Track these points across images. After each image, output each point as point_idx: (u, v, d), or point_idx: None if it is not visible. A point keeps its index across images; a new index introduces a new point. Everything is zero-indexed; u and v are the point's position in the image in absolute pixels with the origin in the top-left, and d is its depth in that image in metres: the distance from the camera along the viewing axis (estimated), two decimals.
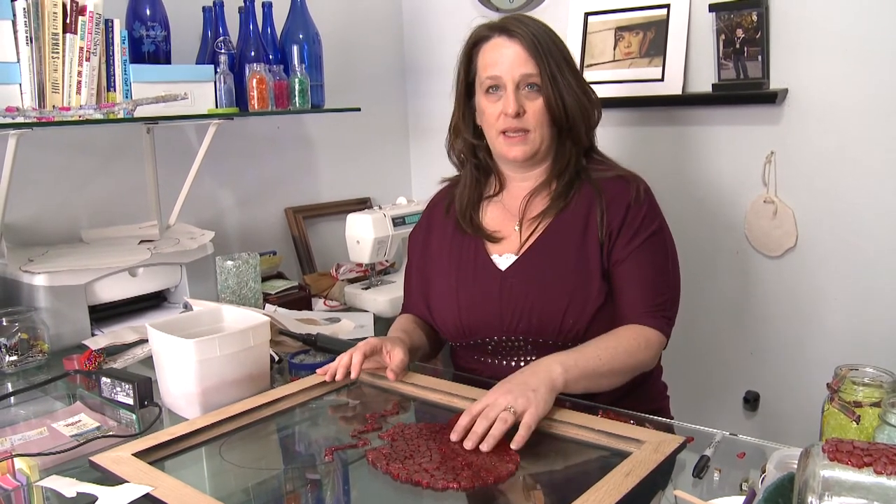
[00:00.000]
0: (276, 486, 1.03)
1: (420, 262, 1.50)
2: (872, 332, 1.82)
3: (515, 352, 1.36)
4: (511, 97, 1.30)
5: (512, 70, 1.30)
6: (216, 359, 1.19)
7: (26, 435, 1.14)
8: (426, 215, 1.54)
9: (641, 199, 1.34)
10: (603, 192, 1.34)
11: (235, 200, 2.19)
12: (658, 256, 1.33)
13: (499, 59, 1.32)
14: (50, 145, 1.79)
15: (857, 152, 1.77)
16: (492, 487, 0.95)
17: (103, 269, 1.63)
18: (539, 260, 1.34)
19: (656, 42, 2.01)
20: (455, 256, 1.42)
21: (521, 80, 1.30)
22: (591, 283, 1.31)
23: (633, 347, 1.26)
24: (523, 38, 1.30)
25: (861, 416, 0.98)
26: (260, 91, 1.84)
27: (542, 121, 1.32)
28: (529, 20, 1.34)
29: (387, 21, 2.55)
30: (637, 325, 1.29)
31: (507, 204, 1.43)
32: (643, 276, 1.31)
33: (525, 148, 1.34)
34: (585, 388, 1.20)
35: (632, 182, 1.36)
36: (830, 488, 0.71)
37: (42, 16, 1.53)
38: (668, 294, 1.33)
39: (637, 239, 1.31)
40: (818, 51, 1.79)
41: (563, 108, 1.31)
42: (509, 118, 1.31)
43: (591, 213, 1.34)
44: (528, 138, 1.33)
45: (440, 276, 1.43)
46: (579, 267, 1.32)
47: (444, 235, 1.46)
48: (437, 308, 1.43)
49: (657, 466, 0.95)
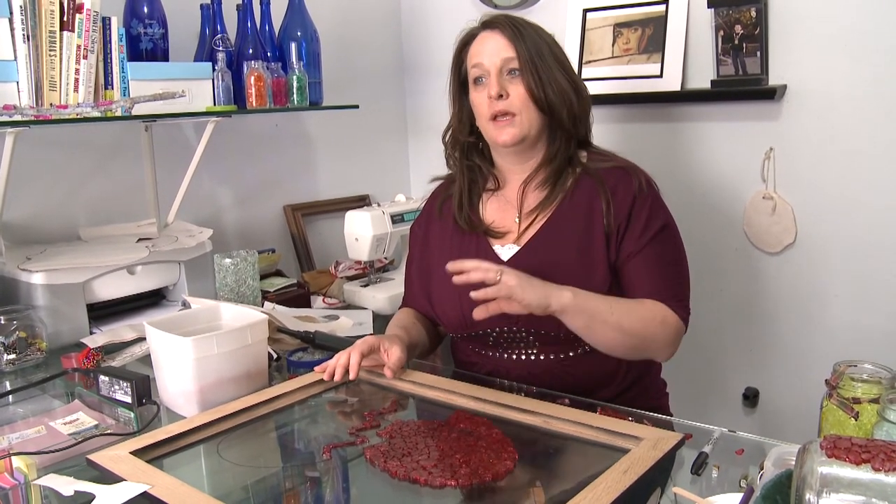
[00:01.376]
0: (274, 483, 1.03)
1: (421, 253, 1.50)
2: (871, 328, 1.82)
3: (517, 344, 1.35)
4: (493, 80, 1.33)
5: (492, 56, 1.33)
6: (214, 356, 1.19)
7: (24, 433, 1.14)
8: (426, 207, 1.54)
9: (645, 190, 1.34)
10: (605, 183, 1.35)
11: (234, 198, 2.19)
12: (669, 248, 1.34)
13: (482, 50, 1.35)
14: (47, 143, 1.79)
15: (857, 148, 1.77)
16: (490, 484, 0.95)
17: (101, 268, 1.63)
18: (541, 250, 1.35)
19: (655, 38, 2.01)
20: (456, 247, 1.42)
21: (503, 64, 1.33)
22: (594, 274, 1.31)
23: (649, 317, 1.26)
24: (503, 27, 1.34)
25: (859, 413, 0.98)
26: (258, 88, 1.83)
27: (526, 103, 1.33)
28: (515, 16, 1.37)
29: (385, 18, 2.54)
30: (657, 302, 1.29)
31: (507, 196, 1.43)
32: (657, 268, 1.31)
33: (514, 131, 1.34)
34: (584, 326, 1.22)
35: (633, 173, 1.36)
36: (828, 485, 0.71)
37: (39, 13, 1.52)
38: (682, 286, 1.34)
39: (648, 231, 1.31)
40: (817, 47, 1.79)
41: (543, 92, 1.32)
42: (494, 101, 1.33)
43: (595, 204, 1.34)
44: (516, 121, 1.34)
45: (441, 266, 1.43)
46: (582, 257, 1.32)
47: (445, 227, 1.46)
48: (439, 299, 1.43)
49: (655, 463, 0.95)
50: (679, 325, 1.29)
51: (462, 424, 1.12)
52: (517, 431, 1.11)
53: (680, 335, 1.31)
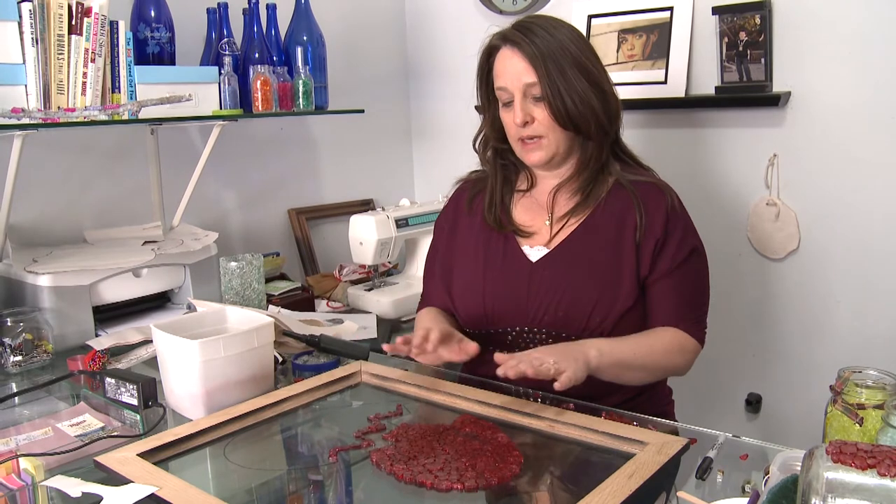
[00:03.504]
0: (279, 486, 1.03)
1: (445, 248, 1.50)
2: (876, 334, 1.82)
3: (533, 345, 1.35)
4: (518, 107, 1.33)
5: (515, 81, 1.33)
6: (220, 359, 1.20)
7: (31, 435, 1.14)
8: (453, 201, 1.54)
9: (678, 210, 1.37)
10: (638, 196, 1.36)
11: (239, 202, 2.19)
12: (696, 272, 1.38)
13: (504, 71, 1.35)
14: (55, 146, 1.80)
15: (860, 154, 1.78)
16: (496, 488, 0.95)
17: (107, 270, 1.63)
18: (571, 255, 1.36)
19: (659, 45, 2.02)
20: (483, 244, 1.42)
21: (525, 89, 1.32)
22: (621, 284, 1.33)
23: (669, 348, 1.32)
24: (523, 48, 1.31)
25: (864, 419, 0.98)
26: (264, 92, 1.84)
27: (551, 126, 1.33)
28: (537, 23, 1.34)
29: (390, 23, 2.55)
30: (675, 329, 1.33)
31: (538, 198, 1.44)
32: (682, 293, 1.35)
33: (541, 153, 1.36)
34: (615, 376, 1.27)
35: (665, 191, 1.38)
36: (834, 490, 0.71)
37: (48, 17, 1.53)
38: (703, 307, 1.39)
39: (679, 254, 1.35)
40: (821, 53, 1.79)
41: (566, 113, 1.31)
42: (520, 128, 1.34)
43: (627, 216, 1.35)
44: (543, 144, 1.35)
45: (467, 262, 1.44)
46: (611, 266, 1.34)
47: (473, 223, 1.46)
48: (460, 294, 1.42)
49: (660, 468, 0.95)
50: (696, 347, 1.36)
51: (468, 428, 1.12)
52: (522, 435, 1.11)
53: (697, 354, 1.37)
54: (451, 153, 2.48)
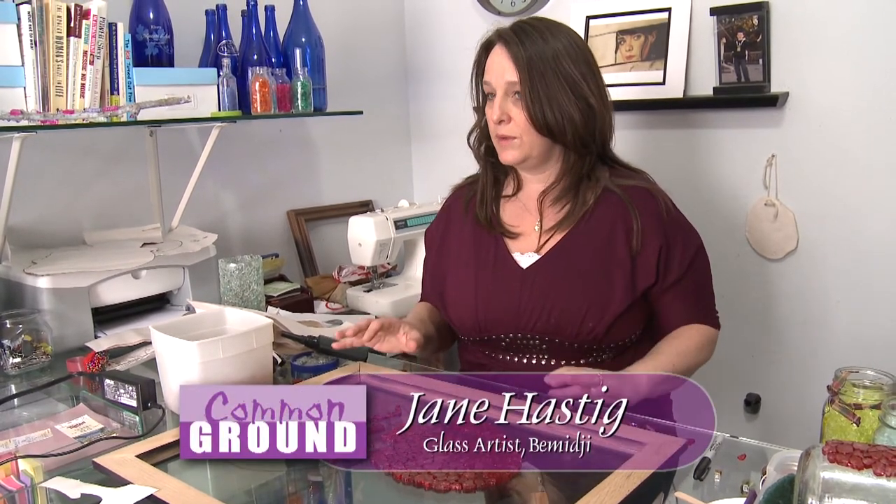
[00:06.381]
0: (278, 487, 1.03)
1: (436, 258, 1.50)
2: (873, 334, 1.82)
3: (528, 349, 1.36)
4: (497, 103, 1.33)
5: (499, 77, 1.32)
6: (219, 361, 1.20)
7: (30, 437, 1.14)
8: (444, 211, 1.54)
9: (672, 213, 1.38)
10: (633, 202, 1.35)
11: (238, 203, 2.20)
12: (703, 269, 1.41)
13: (491, 66, 1.34)
14: (54, 148, 1.80)
15: (858, 155, 1.78)
16: (494, 489, 0.96)
17: (106, 272, 1.63)
18: (562, 261, 1.35)
19: (658, 45, 2.02)
20: (474, 252, 1.42)
21: (507, 87, 1.32)
22: (613, 291, 1.32)
23: (700, 346, 1.36)
24: (512, 48, 1.31)
25: (861, 419, 0.98)
26: (262, 94, 1.84)
27: (526, 128, 1.32)
28: (537, 26, 1.33)
29: (389, 24, 2.55)
30: (697, 325, 1.37)
31: (525, 202, 1.44)
32: (695, 294, 1.39)
33: (515, 153, 1.35)
34: (663, 391, 1.29)
35: (657, 195, 1.38)
36: (830, 490, 0.71)
37: (46, 19, 1.53)
38: (713, 298, 1.44)
39: (687, 257, 1.37)
40: (819, 54, 1.79)
41: (542, 119, 1.30)
42: (497, 125, 1.34)
43: (618, 221, 1.35)
44: (516, 143, 1.34)
45: (458, 270, 1.44)
46: (603, 272, 1.33)
47: (463, 231, 1.46)
48: (453, 302, 1.43)
49: (658, 468, 0.95)
50: (716, 335, 1.41)
51: (466, 429, 1.12)
52: (521, 435, 1.11)
53: (716, 340, 1.41)
54: (450, 154, 2.48)
